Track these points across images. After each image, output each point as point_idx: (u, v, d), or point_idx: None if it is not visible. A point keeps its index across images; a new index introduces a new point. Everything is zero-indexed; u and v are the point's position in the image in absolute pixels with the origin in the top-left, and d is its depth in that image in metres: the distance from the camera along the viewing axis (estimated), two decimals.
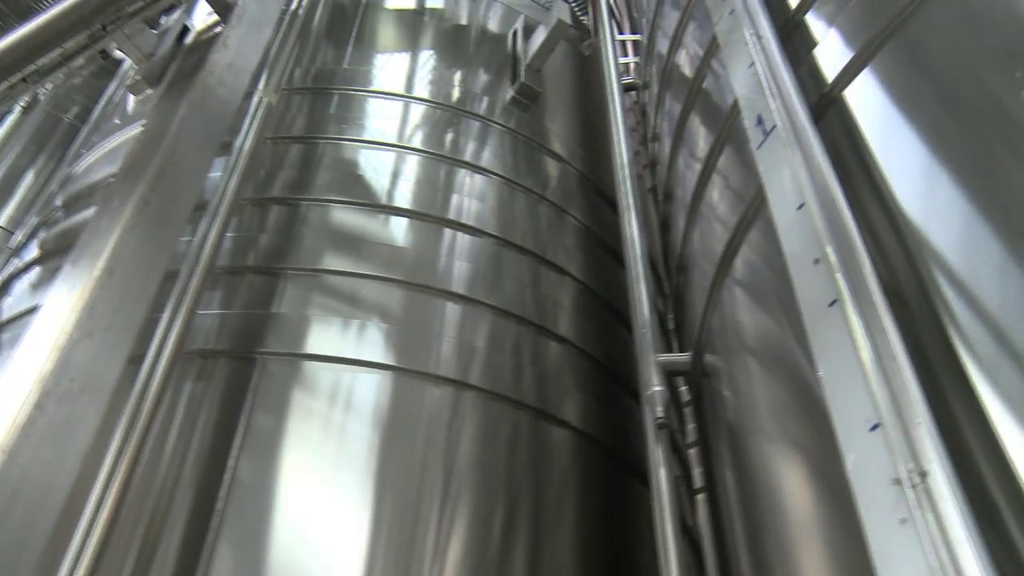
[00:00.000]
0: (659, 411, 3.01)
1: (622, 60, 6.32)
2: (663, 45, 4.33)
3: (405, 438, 3.16)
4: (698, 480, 3.24)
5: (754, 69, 2.64)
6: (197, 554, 2.80)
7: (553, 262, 4.14)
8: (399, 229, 3.88)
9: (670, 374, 3.21)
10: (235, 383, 3.23)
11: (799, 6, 2.87)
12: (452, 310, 3.63)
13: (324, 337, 3.38)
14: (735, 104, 2.81)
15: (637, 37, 6.55)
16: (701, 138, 3.48)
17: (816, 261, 2.03)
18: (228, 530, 2.85)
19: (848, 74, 2.49)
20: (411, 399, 3.29)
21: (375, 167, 4.09)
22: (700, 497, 3.15)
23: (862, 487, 1.61)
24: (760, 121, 2.49)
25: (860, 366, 1.75)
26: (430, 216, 3.95)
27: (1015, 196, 1.90)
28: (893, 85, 2.41)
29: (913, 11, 2.38)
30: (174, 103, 3.67)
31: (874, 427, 1.64)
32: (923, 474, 1.51)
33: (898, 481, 1.53)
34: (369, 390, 3.25)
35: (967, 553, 1.41)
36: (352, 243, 3.75)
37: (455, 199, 4.11)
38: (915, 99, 2.32)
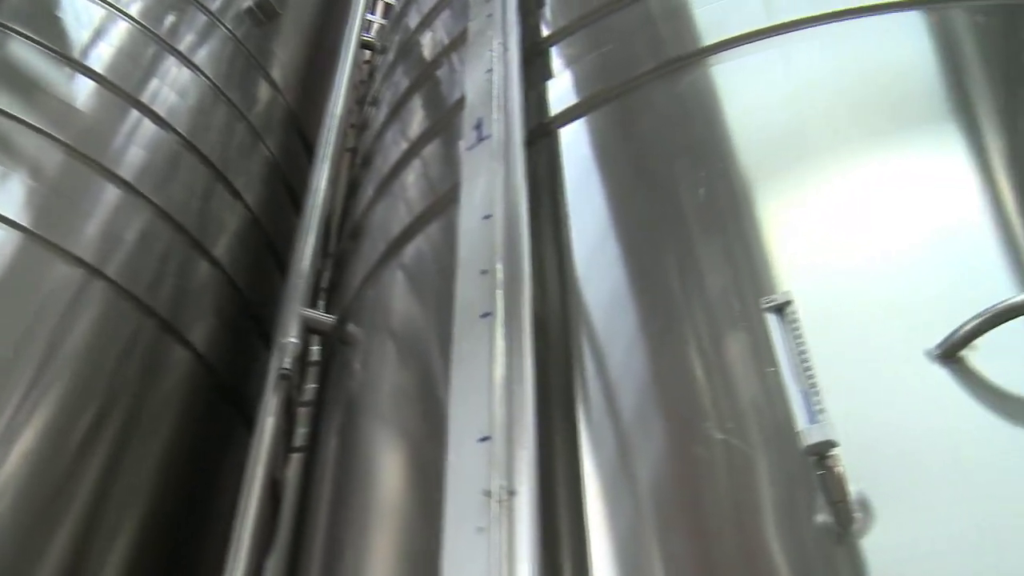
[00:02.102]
0: (286, 362, 2.99)
1: (369, 16, 6.24)
2: (413, 20, 4.33)
3: (13, 305, 2.90)
4: (299, 439, 3.25)
5: (491, 76, 2.72)
6: None
7: (232, 183, 3.99)
8: (83, 91, 3.56)
9: (309, 330, 3.20)
10: None
11: (548, 36, 3.00)
12: (112, 193, 3.39)
13: None
14: (461, 101, 2.88)
15: (392, 1, 6.50)
16: (417, 121, 3.52)
17: (484, 272, 2.12)
18: None
19: (569, 115, 2.64)
20: (35, 268, 3.02)
21: (79, 17, 3.74)
22: (296, 456, 3.15)
23: (455, 490, 1.70)
24: (479, 126, 2.57)
25: (490, 380, 1.84)
26: (121, 90, 3.67)
27: (662, 281, 2.10)
28: (603, 141, 2.59)
29: (636, 87, 2.58)
30: None
31: (484, 439, 1.73)
32: (512, 492, 1.62)
33: (488, 493, 1.63)
34: None
35: (523, 571, 1.53)
36: (25, 85, 3.40)
37: (154, 84, 3.85)
38: (617, 162, 2.51)
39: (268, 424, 2.81)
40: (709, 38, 2.64)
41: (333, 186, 3.95)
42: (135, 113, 3.67)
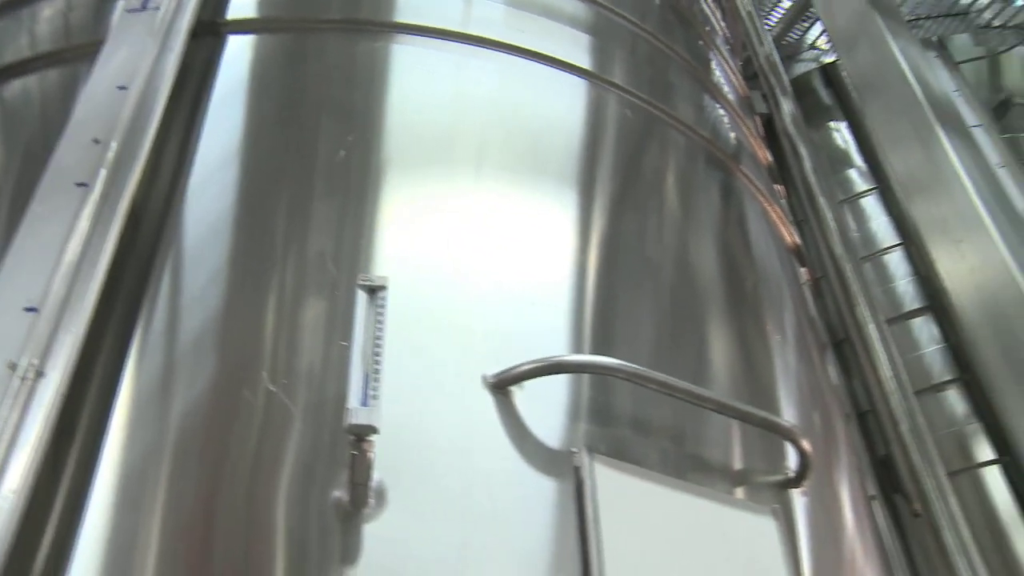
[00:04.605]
0: None
1: None
2: None
3: None
4: None
5: None
6: None
7: None
8: None
9: None
10: None
11: None
12: None
13: None
14: None
15: None
16: None
17: (96, 141, 1.97)
18: None
19: (243, 25, 2.53)
20: None
21: None
22: None
23: None
24: None
25: (60, 252, 1.71)
26: None
27: (270, 224, 2.07)
28: (266, 67, 2.50)
29: (316, 30, 2.54)
30: None
31: (30, 309, 1.60)
32: (40, 374, 1.52)
33: (13, 367, 1.51)
34: None
35: (23, 458, 1.43)
36: None
37: None
38: (270, 92, 2.42)
39: None
40: (403, 17, 2.67)
41: None
42: None
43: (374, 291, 1.73)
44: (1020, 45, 6.11)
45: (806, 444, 2.03)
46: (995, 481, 3.71)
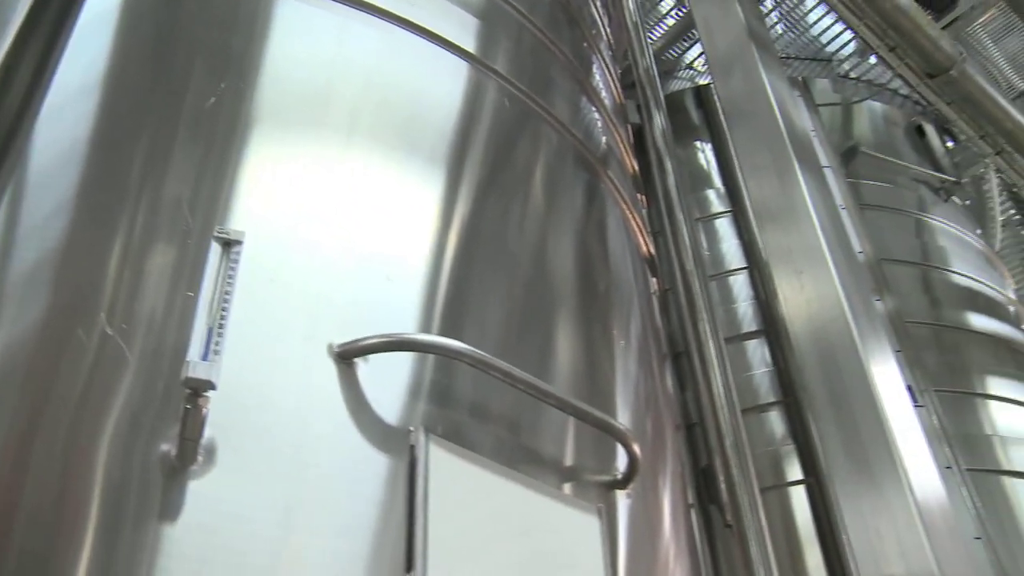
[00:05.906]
0: None
1: None
2: None
3: None
4: None
5: None
6: None
7: None
8: None
9: None
10: None
11: None
12: None
13: None
14: None
15: None
16: None
17: None
18: None
19: None
20: None
21: None
22: None
23: None
24: None
25: None
26: None
27: (126, 161, 1.98)
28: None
29: None
30: None
31: None
32: None
33: None
34: None
35: None
36: None
37: None
38: (143, 26, 2.32)
39: None
40: None
41: None
42: None
43: (229, 244, 1.68)
44: (870, 99, 6.49)
45: (636, 448, 2.09)
46: (799, 500, 3.94)
